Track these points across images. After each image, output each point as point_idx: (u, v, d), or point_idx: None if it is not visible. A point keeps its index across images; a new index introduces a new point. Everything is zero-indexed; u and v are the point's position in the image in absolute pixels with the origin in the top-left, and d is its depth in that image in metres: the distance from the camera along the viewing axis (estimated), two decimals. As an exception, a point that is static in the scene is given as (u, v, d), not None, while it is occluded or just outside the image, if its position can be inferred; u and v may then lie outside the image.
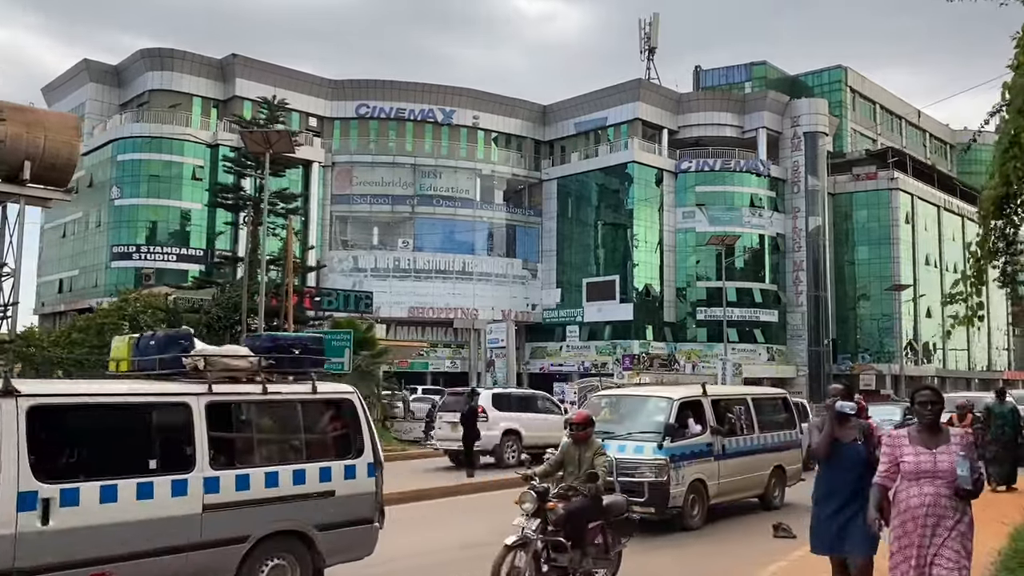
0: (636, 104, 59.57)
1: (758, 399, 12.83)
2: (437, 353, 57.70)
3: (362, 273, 55.92)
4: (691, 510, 10.54)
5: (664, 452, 10.16)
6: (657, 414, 10.71)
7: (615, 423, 10.99)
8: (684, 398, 11.08)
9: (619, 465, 9.83)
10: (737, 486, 11.58)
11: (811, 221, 60.75)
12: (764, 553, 8.87)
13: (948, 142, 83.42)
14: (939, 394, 4.87)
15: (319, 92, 58.26)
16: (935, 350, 65.92)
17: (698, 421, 10.99)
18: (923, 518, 4.63)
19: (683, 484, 10.29)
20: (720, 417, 11.37)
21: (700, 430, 10.92)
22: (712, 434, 11.00)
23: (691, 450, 10.62)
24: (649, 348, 55.07)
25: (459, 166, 59.95)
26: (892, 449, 4.83)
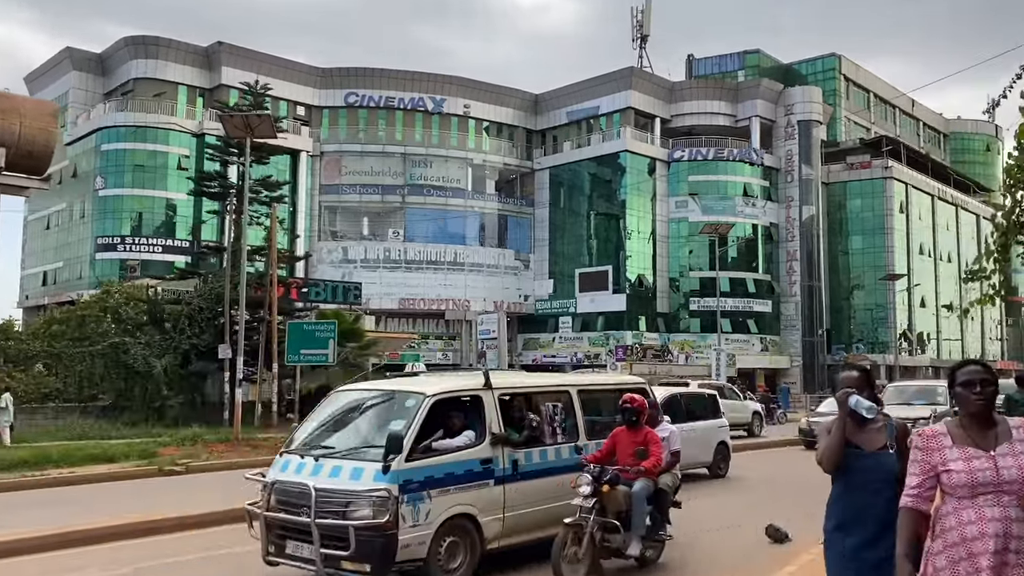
0: (628, 93, 58.89)
1: (591, 392, 8.97)
2: (428, 345, 56.99)
3: (352, 264, 55.20)
4: (447, 562, 6.83)
5: (391, 478, 6.46)
6: (398, 419, 7.06)
7: (342, 434, 7.46)
8: (444, 393, 7.29)
9: (319, 500, 6.46)
10: (539, 520, 7.58)
11: (805, 210, 60.26)
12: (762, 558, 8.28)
13: (942, 131, 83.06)
14: (991, 371, 3.44)
15: (307, 80, 57.39)
16: (929, 340, 65.63)
17: (474, 427, 7.39)
18: (988, 555, 3.08)
19: (428, 525, 6.66)
20: (513, 420, 7.80)
21: (472, 439, 7.27)
22: (493, 445, 7.29)
23: (448, 472, 6.90)
24: (642, 339, 54.60)
25: (450, 155, 59.20)
26: (927, 454, 3.28)
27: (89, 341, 27.15)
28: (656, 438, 7.51)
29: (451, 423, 7.32)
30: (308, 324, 23.04)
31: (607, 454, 7.40)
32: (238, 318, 22.04)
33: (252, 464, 17.18)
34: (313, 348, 21.10)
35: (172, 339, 27.05)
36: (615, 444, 7.43)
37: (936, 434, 3.34)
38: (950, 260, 69.52)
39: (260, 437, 20.60)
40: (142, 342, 26.50)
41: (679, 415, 13.91)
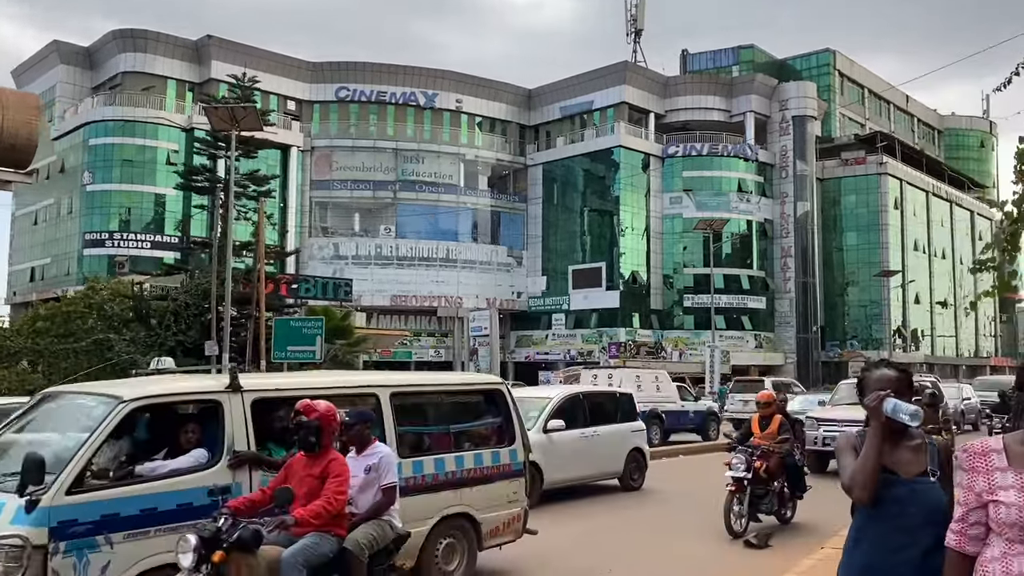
0: (622, 87, 58.46)
1: (413, 394, 7.04)
2: (420, 342, 56.59)
3: (343, 260, 54.69)
4: None
5: (36, 518, 4.47)
6: (79, 431, 5.07)
7: (7, 455, 5.29)
8: (150, 398, 5.36)
9: None
10: None
11: (799, 206, 59.98)
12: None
13: (936, 127, 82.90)
14: None
15: (298, 75, 56.80)
16: (923, 336, 65.48)
17: (211, 443, 5.41)
18: None
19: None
20: (277, 433, 5.84)
21: (203, 460, 5.33)
22: (234, 467, 5.33)
23: (149, 506, 4.92)
24: (636, 336, 54.25)
25: (442, 151, 58.66)
26: (972, 476, 2.46)
27: (74, 338, 26.71)
28: (340, 469, 5.00)
29: (185, 439, 5.46)
30: (295, 320, 22.58)
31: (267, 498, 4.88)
32: (225, 314, 21.62)
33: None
34: (300, 345, 20.63)
35: (158, 336, 26.59)
36: (287, 478, 5.03)
37: (986, 451, 2.44)
38: (944, 257, 69.37)
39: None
40: (127, 339, 26.05)
41: (579, 418, 12.33)
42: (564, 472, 11.61)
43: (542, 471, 10.79)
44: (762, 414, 9.90)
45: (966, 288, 72.60)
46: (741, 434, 9.90)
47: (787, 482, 9.58)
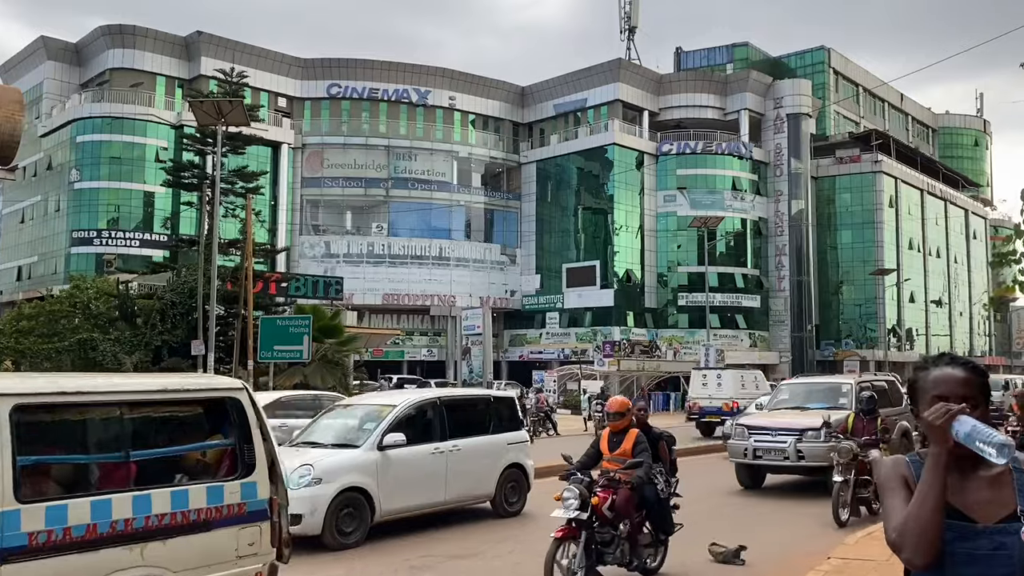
0: (616, 85, 58.06)
1: (46, 405, 4.55)
2: (413, 341, 56.15)
3: (334, 259, 54.17)
4: None
5: None
6: None
7: None
8: None
9: None
10: None
11: (794, 205, 59.68)
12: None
13: (931, 126, 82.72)
14: None
15: (289, 71, 56.25)
16: (917, 335, 65.25)
17: None
18: None
19: None
20: None
21: None
22: None
23: None
24: (630, 335, 53.87)
25: (435, 148, 58.17)
26: None
27: (59, 337, 26.25)
28: None
29: None
30: (282, 319, 22.13)
31: None
32: (210, 313, 21.17)
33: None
34: (287, 344, 20.21)
35: (143, 335, 26.17)
36: None
37: None
38: (939, 255, 69.17)
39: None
40: (111, 338, 25.62)
41: (434, 430, 9.85)
42: (407, 499, 9.34)
43: (373, 499, 8.82)
44: (613, 428, 7.30)
45: (961, 287, 72.47)
46: (587, 455, 7.31)
47: (649, 521, 7.29)
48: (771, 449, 12.53)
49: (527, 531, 9.52)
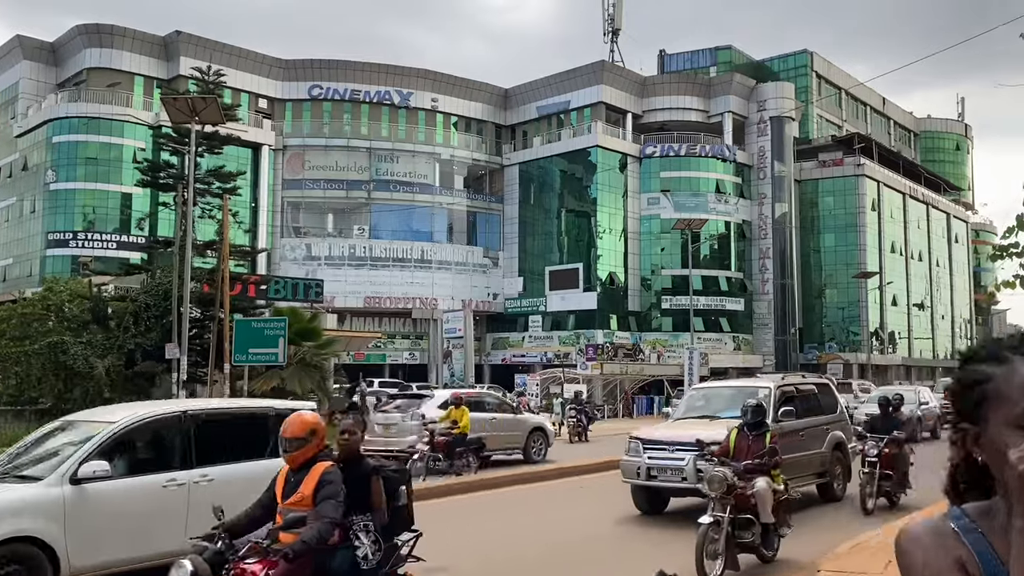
0: (600, 87, 57.88)
1: None
2: (395, 344, 55.65)
3: (315, 261, 53.60)
4: None
5: None
6: None
7: None
8: None
9: None
10: None
11: (777, 207, 59.70)
12: None
13: (912, 130, 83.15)
14: None
15: (270, 72, 55.68)
16: (900, 339, 65.45)
17: None
18: None
19: None
20: None
21: None
22: None
23: None
24: (614, 338, 53.62)
25: (417, 150, 57.72)
26: None
27: (30, 340, 25.61)
28: None
29: None
30: (257, 322, 21.66)
31: None
32: (189, 315, 20.67)
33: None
34: (262, 347, 19.70)
35: (116, 338, 25.55)
36: None
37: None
38: (921, 259, 69.45)
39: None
40: (83, 341, 25.00)
41: (174, 453, 7.40)
42: (118, 549, 6.80)
43: (56, 553, 6.37)
44: (291, 462, 4.94)
45: (943, 290, 72.81)
46: (256, 505, 5.06)
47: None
48: (667, 468, 10.28)
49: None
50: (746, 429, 8.31)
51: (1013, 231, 5.64)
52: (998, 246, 5.85)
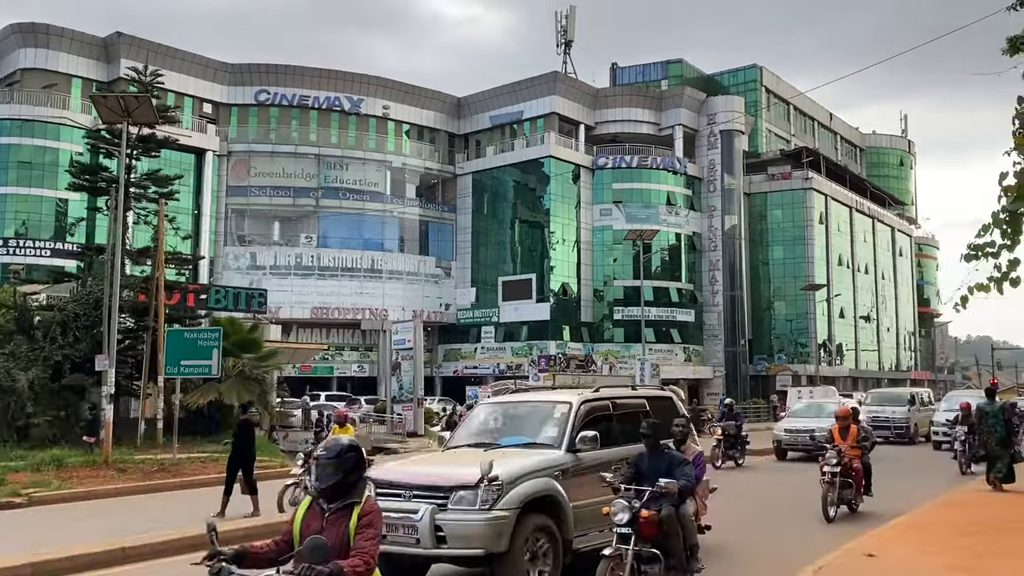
0: (553, 98, 57.70)
1: None
2: (343, 357, 54.51)
3: (260, 271, 52.19)
4: None
5: None
6: None
7: None
8: None
9: None
10: None
11: (727, 220, 60.12)
12: None
13: (858, 145, 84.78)
14: None
15: (215, 76, 54.26)
16: (847, 350, 66.34)
17: None
18: None
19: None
20: None
21: None
22: None
23: None
24: (566, 349, 53.22)
25: (368, 158, 56.70)
26: None
27: (-46, 349, 24.11)
28: None
29: None
30: (189, 332, 20.58)
31: None
32: (121, 325, 19.59)
33: (116, 492, 14.88)
34: (195, 359, 18.74)
35: (42, 349, 24.18)
36: None
37: None
38: (867, 272, 70.61)
39: (136, 459, 18.24)
40: (5, 352, 23.60)
41: None
42: None
43: None
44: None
45: (888, 302, 74.11)
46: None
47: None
48: (398, 524, 6.90)
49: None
50: None
51: (987, 229, 5.21)
52: (972, 245, 5.42)
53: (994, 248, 5.15)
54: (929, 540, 8.61)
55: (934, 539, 8.67)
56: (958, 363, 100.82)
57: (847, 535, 9.31)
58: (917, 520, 10.01)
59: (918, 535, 8.98)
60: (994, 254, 5.18)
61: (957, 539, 8.62)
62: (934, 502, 11.85)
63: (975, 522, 9.62)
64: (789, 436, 22.36)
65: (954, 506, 11.59)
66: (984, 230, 5.25)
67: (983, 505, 11.60)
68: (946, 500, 12.26)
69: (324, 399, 42.71)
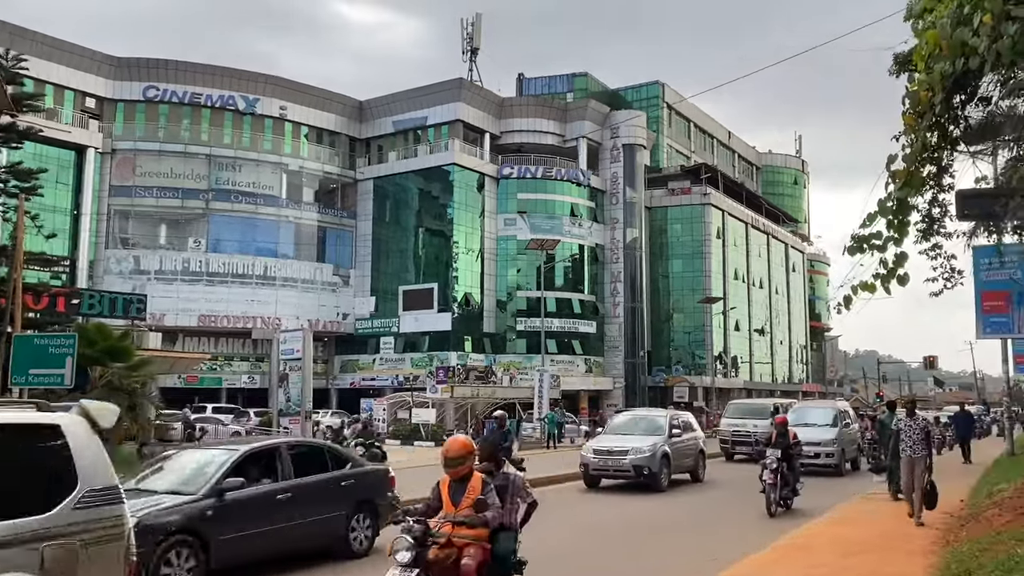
0: (457, 105, 56.95)
1: None
2: (233, 367, 52.10)
3: (145, 276, 49.34)
4: None
5: None
6: None
7: None
8: None
9: None
10: None
11: (629, 233, 60.67)
12: None
13: (755, 164, 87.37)
14: None
15: (99, 70, 51.16)
16: (742, 363, 67.87)
17: None
18: None
19: None
20: None
21: None
22: None
23: None
24: (468, 360, 52.37)
25: (263, 159, 54.49)
26: None
27: None
28: None
29: None
30: (39, 338, 18.73)
31: None
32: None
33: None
34: (46, 367, 16.91)
35: None
36: None
37: None
38: (762, 286, 72.58)
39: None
40: None
41: None
42: None
43: None
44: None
45: (781, 316, 76.35)
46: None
47: None
48: None
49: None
50: None
51: (873, 218, 4.66)
52: (856, 236, 4.84)
53: (880, 240, 4.60)
54: (815, 562, 8.13)
55: (820, 560, 8.21)
56: (847, 376, 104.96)
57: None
58: (802, 542, 9.55)
59: (804, 556, 8.51)
60: (880, 247, 4.63)
61: (845, 559, 8.18)
62: (823, 519, 11.51)
63: (861, 540, 9.23)
64: (598, 459, 17.27)
65: (844, 523, 11.26)
66: (869, 219, 4.71)
67: (872, 523, 11.31)
68: (838, 517, 11.95)
69: (211, 411, 40.50)
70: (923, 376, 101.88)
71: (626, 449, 17.00)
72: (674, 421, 18.73)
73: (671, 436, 17.85)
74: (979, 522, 9.06)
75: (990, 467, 18.32)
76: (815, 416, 22.10)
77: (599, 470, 17.37)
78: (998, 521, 8.30)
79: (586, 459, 17.62)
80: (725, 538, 10.53)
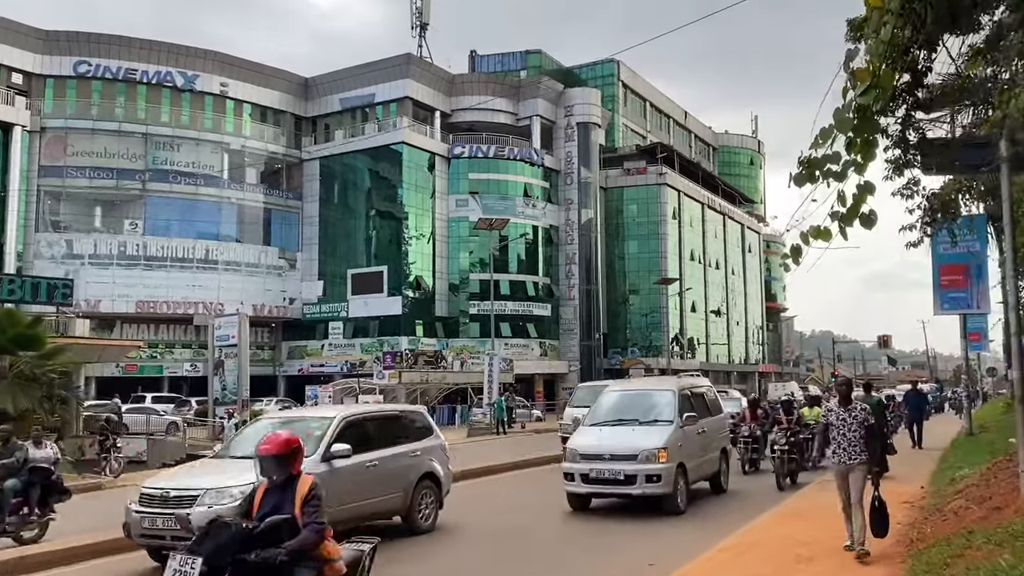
0: (406, 82, 55.19)
1: None
2: (174, 355, 50.11)
3: (78, 260, 47.07)
4: None
5: None
6: None
7: None
8: None
9: None
10: None
11: (584, 213, 59.66)
12: None
13: (711, 144, 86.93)
14: None
15: (27, 44, 48.47)
16: (699, 344, 67.50)
17: None
18: None
19: None
20: None
21: None
22: None
23: None
24: (419, 345, 51.02)
25: (202, 138, 52.19)
26: None
27: None
28: None
29: None
30: (-79, 325, 17.06)
31: None
32: None
33: None
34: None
35: None
36: None
37: None
38: (718, 267, 72.23)
39: None
40: None
41: None
42: None
43: None
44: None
45: (737, 298, 76.20)
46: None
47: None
48: None
49: None
50: None
51: (828, 135, 3.52)
52: (806, 160, 3.68)
53: (838, 165, 3.48)
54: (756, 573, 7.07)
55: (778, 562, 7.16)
56: (802, 356, 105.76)
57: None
58: (754, 539, 8.52)
59: (761, 552, 7.46)
60: (837, 175, 3.51)
61: (799, 564, 7.15)
62: (773, 513, 10.51)
63: (813, 541, 8.20)
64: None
65: (797, 517, 10.24)
66: (823, 137, 3.56)
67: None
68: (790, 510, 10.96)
69: (150, 401, 38.72)
70: (877, 356, 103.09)
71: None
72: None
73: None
74: (944, 516, 8.11)
75: (948, 448, 17.60)
76: (636, 405, 12.50)
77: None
78: (968, 517, 7.31)
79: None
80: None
